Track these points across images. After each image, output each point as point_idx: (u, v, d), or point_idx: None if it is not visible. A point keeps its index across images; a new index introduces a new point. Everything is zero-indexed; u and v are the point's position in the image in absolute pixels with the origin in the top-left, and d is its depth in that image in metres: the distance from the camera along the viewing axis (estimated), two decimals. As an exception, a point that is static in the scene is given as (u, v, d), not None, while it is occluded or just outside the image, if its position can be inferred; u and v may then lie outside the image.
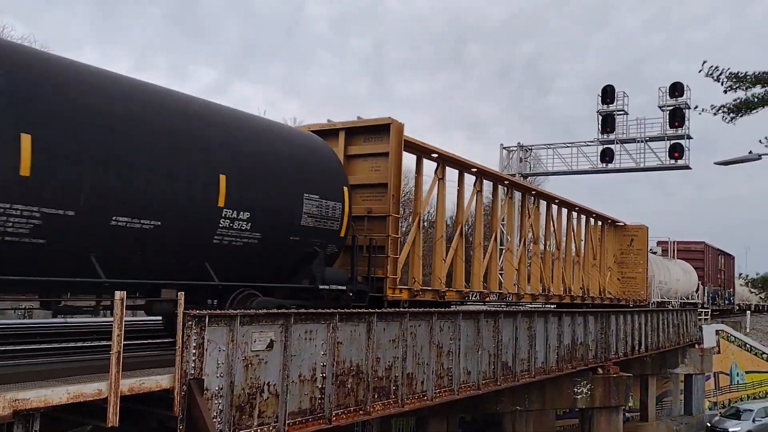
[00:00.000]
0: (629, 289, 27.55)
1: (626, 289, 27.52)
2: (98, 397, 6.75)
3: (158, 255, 8.67)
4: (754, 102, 21.57)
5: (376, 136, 13.39)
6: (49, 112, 7.40)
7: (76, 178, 7.57)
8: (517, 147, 37.08)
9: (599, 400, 18.28)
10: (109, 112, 8.09)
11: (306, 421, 8.98)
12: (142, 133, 8.40)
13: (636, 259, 27.90)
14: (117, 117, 8.16)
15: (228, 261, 9.63)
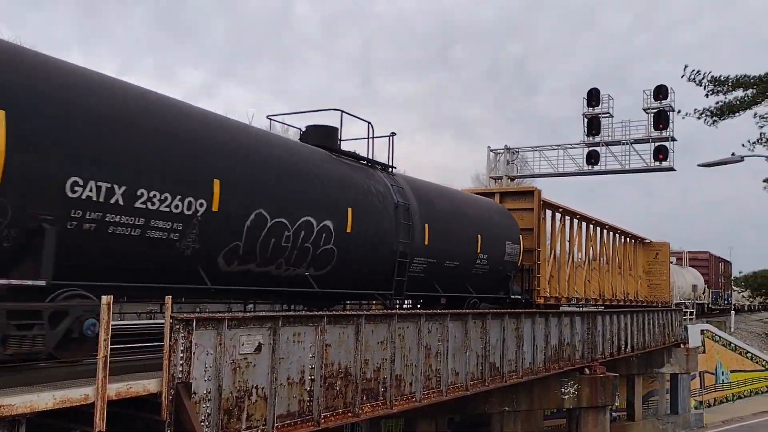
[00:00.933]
0: (656, 293, 32.96)
1: (654, 293, 32.86)
2: (85, 402, 6.72)
3: (455, 280, 15.66)
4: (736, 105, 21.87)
5: (522, 197, 20.21)
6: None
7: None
8: (504, 149, 37.28)
9: (586, 400, 18.40)
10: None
11: (294, 423, 8.98)
12: (457, 216, 15.78)
13: (660, 269, 33.25)
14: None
15: (475, 282, 16.53)
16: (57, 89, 7.41)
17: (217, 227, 9.06)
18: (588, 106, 33.81)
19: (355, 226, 11.87)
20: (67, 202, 7.30)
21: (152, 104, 8.76)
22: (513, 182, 39.36)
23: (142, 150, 8.11)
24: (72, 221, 7.39)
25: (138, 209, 7.97)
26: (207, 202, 8.82)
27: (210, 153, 9.10)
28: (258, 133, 11.08)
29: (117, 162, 7.78)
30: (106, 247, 7.86)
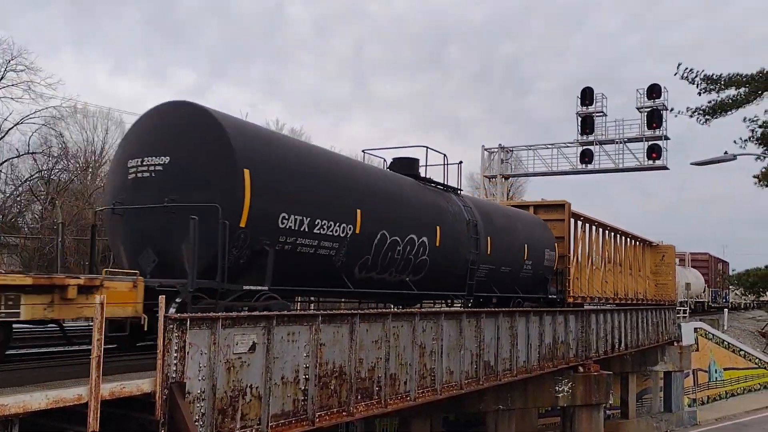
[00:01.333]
0: (663, 292, 35.09)
1: (661, 292, 34.94)
2: (78, 402, 6.69)
3: (507, 283, 18.48)
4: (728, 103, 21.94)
5: (554, 209, 23.04)
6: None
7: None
8: (498, 148, 37.34)
9: (580, 398, 18.46)
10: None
11: (289, 423, 8.97)
12: (509, 229, 18.81)
13: (666, 270, 35.36)
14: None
15: (521, 284, 19.37)
16: (273, 154, 10.63)
17: (357, 245, 12.07)
18: (582, 105, 33.90)
19: (441, 240, 14.84)
20: (278, 231, 10.23)
21: (322, 158, 12.21)
22: (507, 181, 39.43)
23: (319, 192, 11.26)
24: (279, 244, 10.29)
25: (315, 234, 11.00)
26: (353, 226, 11.87)
27: (355, 191, 12.32)
28: (379, 172, 14.79)
29: (305, 201, 10.81)
30: (295, 262, 10.82)
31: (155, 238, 9.70)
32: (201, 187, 9.44)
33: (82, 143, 39.92)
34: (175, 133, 9.95)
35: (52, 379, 7.11)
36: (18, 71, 30.24)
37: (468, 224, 16.27)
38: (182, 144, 9.80)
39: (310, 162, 11.49)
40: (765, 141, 21.92)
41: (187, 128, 9.92)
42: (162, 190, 9.58)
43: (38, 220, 33.39)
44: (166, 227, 9.50)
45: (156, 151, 9.88)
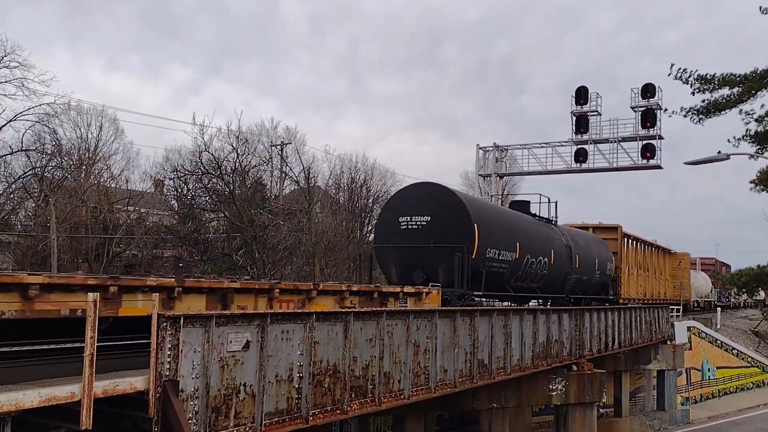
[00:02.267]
0: (679, 293, 43.71)
1: (678, 293, 43.45)
2: (71, 399, 6.68)
3: (583, 287, 26.09)
4: (722, 103, 22.03)
5: (609, 231, 31.23)
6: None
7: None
8: (493, 147, 37.39)
9: (574, 397, 18.50)
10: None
11: (283, 421, 8.97)
12: (587, 248, 27.03)
13: (683, 273, 43.53)
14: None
15: (592, 288, 26.77)
16: (485, 214, 19.19)
17: (515, 265, 20.21)
18: (576, 104, 33.99)
19: (554, 260, 22.86)
20: (486, 260, 18.43)
21: (500, 212, 21.33)
22: (501, 180, 39.49)
23: (501, 234, 19.39)
24: (486, 267, 18.44)
25: (500, 260, 19.17)
26: (515, 254, 19.81)
27: (516, 231, 20.65)
28: (523, 217, 22.61)
29: (497, 240, 18.97)
30: (490, 277, 18.64)
31: (422, 264, 17.75)
32: (452, 235, 17.53)
33: (76, 140, 39.73)
34: (432, 202, 18.04)
35: (45, 377, 7.09)
36: (11, 68, 30.05)
37: (566, 247, 24.48)
38: (438, 209, 17.94)
39: (497, 217, 20.44)
40: (759, 139, 22.02)
41: (440, 200, 18.12)
42: (426, 236, 17.84)
43: (31, 217, 33.24)
44: (429, 258, 17.60)
45: (421, 212, 18.07)
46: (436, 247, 17.38)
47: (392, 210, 18.99)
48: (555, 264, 22.74)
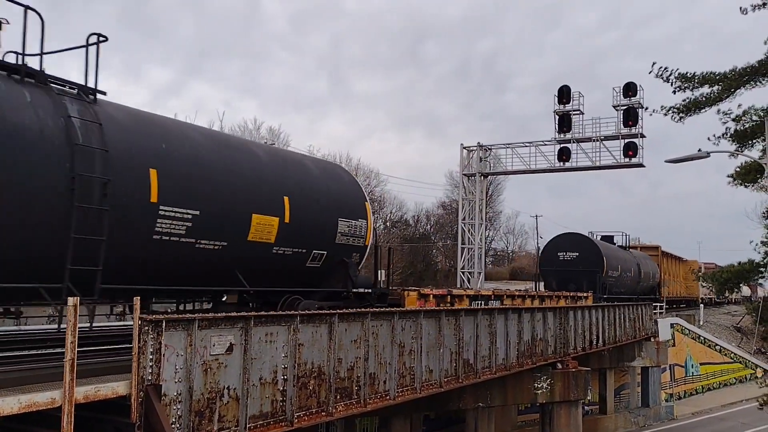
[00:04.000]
0: (690, 291, 58.21)
1: (689, 292, 57.99)
2: (52, 405, 6.60)
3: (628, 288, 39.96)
4: (702, 101, 22.21)
5: (652, 249, 48.50)
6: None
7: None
8: (477, 146, 37.49)
9: (559, 395, 18.58)
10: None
11: (267, 424, 8.92)
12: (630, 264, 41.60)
13: (692, 276, 51.17)
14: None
15: (641, 290, 42.41)
16: (604, 250, 36.79)
17: (618, 280, 37.25)
18: (559, 103, 34.16)
19: (633, 274, 39.84)
20: (608, 276, 36.11)
21: (612, 247, 40.43)
22: (486, 179, 39.60)
23: (612, 261, 37.16)
24: (608, 281, 35.83)
25: (612, 276, 36.80)
26: (617, 272, 37.17)
27: (619, 259, 38.30)
28: (618, 249, 40.03)
29: (613, 266, 36.75)
30: (608, 287, 35.86)
31: (574, 280, 32.17)
32: (590, 263, 33.41)
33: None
34: (578, 244, 34.57)
35: (26, 383, 7.00)
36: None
37: (637, 265, 39.81)
38: (582, 248, 34.26)
39: (609, 250, 35.73)
40: (738, 138, 22.26)
41: (583, 243, 34.74)
42: (576, 264, 33.78)
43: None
44: (577, 276, 32.75)
45: (572, 250, 34.45)
46: (582, 270, 33.49)
47: (553, 248, 35.81)
48: (633, 276, 39.16)
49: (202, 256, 10.43)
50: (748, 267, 24.01)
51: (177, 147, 10.20)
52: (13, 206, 7.78)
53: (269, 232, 11.73)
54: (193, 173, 10.21)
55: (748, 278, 26.22)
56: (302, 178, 13.02)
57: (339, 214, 13.74)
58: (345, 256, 13.98)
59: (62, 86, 9.08)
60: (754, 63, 21.69)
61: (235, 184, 11.00)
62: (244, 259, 11.36)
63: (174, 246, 9.88)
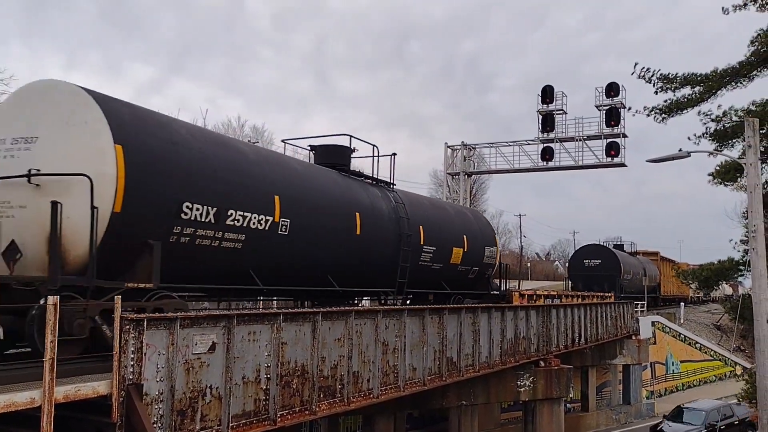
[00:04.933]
0: (681, 290, 62.39)
1: (681, 290, 62.34)
2: (31, 405, 6.53)
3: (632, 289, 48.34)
4: (684, 102, 22.43)
5: (652, 255, 59.66)
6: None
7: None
8: (461, 146, 37.57)
9: (542, 392, 18.71)
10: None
11: (250, 423, 8.89)
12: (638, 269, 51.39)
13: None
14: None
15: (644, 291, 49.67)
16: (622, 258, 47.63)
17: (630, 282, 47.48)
18: (542, 103, 34.33)
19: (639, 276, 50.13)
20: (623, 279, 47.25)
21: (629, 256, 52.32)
22: (470, 178, 39.72)
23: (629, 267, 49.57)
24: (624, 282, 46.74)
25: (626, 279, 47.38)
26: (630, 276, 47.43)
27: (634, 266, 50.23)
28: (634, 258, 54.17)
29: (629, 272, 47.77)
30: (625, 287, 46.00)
31: (597, 283, 40.27)
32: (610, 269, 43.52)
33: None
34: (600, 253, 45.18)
35: (4, 383, 6.91)
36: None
37: (643, 269, 48.21)
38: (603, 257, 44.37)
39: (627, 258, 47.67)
40: (718, 137, 22.51)
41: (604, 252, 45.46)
42: (598, 270, 43.14)
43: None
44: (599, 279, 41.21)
45: (595, 258, 44.60)
46: (604, 274, 41.50)
47: (579, 256, 46.01)
48: (641, 278, 47.74)
49: (432, 273, 18.32)
50: (728, 265, 24.32)
51: (432, 214, 18.81)
52: (383, 247, 15.77)
53: (458, 258, 19.27)
54: (439, 228, 18.54)
55: (727, 276, 26.56)
56: (470, 223, 21.05)
57: (484, 243, 20.99)
58: (486, 271, 21.33)
59: (386, 183, 17.54)
60: (735, 64, 21.96)
61: (450, 233, 19.10)
62: (446, 273, 18.99)
63: (426, 268, 17.86)
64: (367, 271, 15.37)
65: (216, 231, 10.50)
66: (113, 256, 8.90)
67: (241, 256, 11.23)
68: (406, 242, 16.36)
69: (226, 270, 11.17)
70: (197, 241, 10.25)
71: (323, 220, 13.42)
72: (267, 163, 12.43)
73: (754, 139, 14.03)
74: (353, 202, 14.89)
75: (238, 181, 11.10)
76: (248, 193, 11.30)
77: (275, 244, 11.97)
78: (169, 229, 9.70)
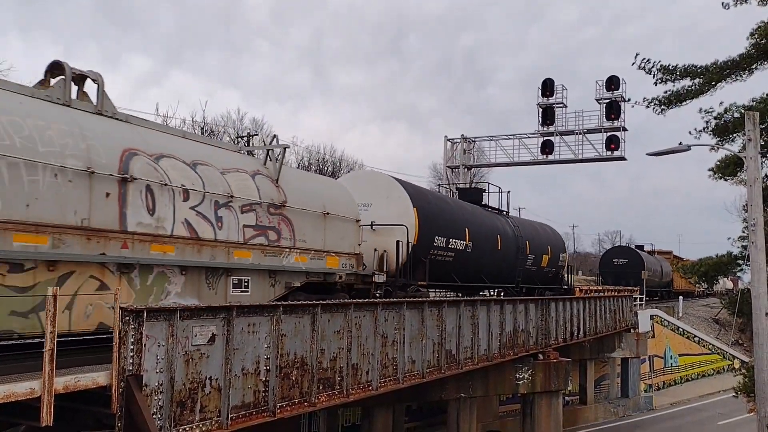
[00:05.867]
0: (692, 285, 63.98)
1: (691, 286, 64.52)
2: (31, 396, 6.54)
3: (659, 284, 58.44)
4: (684, 94, 22.37)
5: (667, 253, 68.21)
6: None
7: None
8: (460, 139, 37.54)
9: (540, 385, 18.75)
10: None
11: (249, 414, 8.92)
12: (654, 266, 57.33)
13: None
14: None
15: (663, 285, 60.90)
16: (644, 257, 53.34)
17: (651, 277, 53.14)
18: (543, 96, 34.28)
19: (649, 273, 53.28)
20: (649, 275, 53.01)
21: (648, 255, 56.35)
22: (470, 171, 39.70)
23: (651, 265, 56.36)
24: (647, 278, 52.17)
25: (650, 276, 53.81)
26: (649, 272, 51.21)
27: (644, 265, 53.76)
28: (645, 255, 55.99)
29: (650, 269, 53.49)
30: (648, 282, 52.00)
31: (624, 279, 47.52)
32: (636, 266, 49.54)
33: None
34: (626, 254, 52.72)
35: (4, 373, 6.92)
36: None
37: (660, 267, 55.13)
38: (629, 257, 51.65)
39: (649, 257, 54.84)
40: (719, 132, 22.46)
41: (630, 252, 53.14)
42: (625, 267, 50.22)
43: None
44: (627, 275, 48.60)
45: (623, 257, 51.71)
46: (630, 271, 47.75)
47: (609, 255, 53.68)
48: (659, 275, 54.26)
49: (531, 273, 25.44)
50: (726, 260, 24.32)
51: (531, 232, 26.26)
52: (508, 257, 23.38)
53: (545, 262, 26.64)
54: (537, 242, 25.91)
55: (726, 271, 26.57)
56: (551, 237, 28.50)
57: (559, 251, 28.50)
58: (560, 271, 28.94)
59: (505, 212, 25.31)
60: (735, 57, 21.89)
61: (541, 245, 26.46)
62: (538, 273, 26.48)
63: (528, 270, 25.24)
64: (501, 272, 23.16)
65: (446, 251, 18.80)
66: (411, 268, 16.48)
67: (452, 266, 19.38)
68: (521, 253, 24.38)
69: (445, 274, 19.12)
70: (438, 258, 18.45)
71: (484, 241, 21.35)
72: (459, 208, 20.99)
73: (754, 133, 14.02)
74: (494, 228, 22.75)
75: (452, 221, 19.39)
76: (456, 228, 19.49)
77: (465, 258, 20.04)
78: (429, 251, 17.89)
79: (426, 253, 17.37)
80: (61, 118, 8.37)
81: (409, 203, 16.93)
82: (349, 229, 13.84)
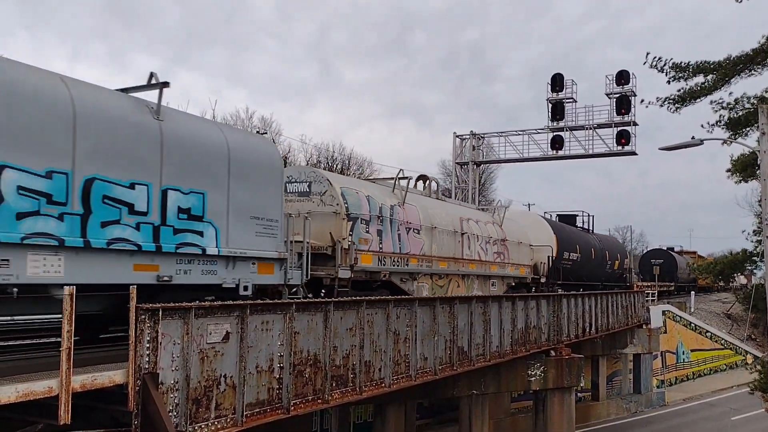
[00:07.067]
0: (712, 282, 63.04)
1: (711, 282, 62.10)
2: (49, 394, 6.60)
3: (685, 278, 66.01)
4: (697, 91, 22.16)
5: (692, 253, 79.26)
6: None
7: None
8: (469, 135, 37.43)
9: (552, 382, 18.71)
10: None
11: (264, 411, 8.97)
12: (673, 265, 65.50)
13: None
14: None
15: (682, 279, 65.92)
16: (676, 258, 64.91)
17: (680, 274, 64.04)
18: (552, 91, 34.09)
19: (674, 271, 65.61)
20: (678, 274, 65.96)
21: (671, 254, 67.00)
22: (478, 168, 39.62)
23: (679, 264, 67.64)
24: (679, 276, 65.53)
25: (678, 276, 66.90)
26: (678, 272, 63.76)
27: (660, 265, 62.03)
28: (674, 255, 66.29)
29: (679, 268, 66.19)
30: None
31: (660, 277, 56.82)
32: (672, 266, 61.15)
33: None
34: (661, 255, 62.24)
35: (22, 372, 6.99)
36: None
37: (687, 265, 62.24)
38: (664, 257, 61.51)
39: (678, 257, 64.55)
40: (731, 125, 22.27)
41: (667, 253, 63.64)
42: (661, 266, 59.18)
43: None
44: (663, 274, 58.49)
45: (659, 257, 60.85)
46: (666, 270, 58.15)
47: (648, 256, 62.98)
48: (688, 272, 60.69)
49: (607, 274, 33.76)
50: (741, 257, 24.13)
51: (608, 243, 36.53)
52: (597, 264, 32.73)
53: (616, 266, 34.99)
54: (612, 251, 35.38)
55: (741, 268, 26.39)
56: (617, 246, 37.83)
57: (623, 257, 36.63)
58: (624, 272, 36.27)
59: (585, 230, 35.69)
60: (749, 51, 21.66)
61: (614, 252, 35.69)
62: (612, 274, 34.38)
63: (607, 273, 33.86)
64: (593, 274, 31.02)
65: (567, 261, 27.21)
66: (553, 271, 25.37)
67: (569, 271, 27.18)
68: (604, 260, 32.72)
69: (565, 276, 26.65)
70: (564, 265, 26.83)
71: (585, 253, 29.78)
72: (572, 232, 30.19)
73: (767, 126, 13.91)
74: (589, 243, 31.16)
75: (569, 241, 28.24)
76: (572, 245, 28.43)
77: (576, 265, 28.37)
78: (561, 261, 26.78)
79: (559, 263, 26.54)
80: (436, 204, 19.08)
81: (552, 232, 26.84)
82: (526, 250, 23.77)
